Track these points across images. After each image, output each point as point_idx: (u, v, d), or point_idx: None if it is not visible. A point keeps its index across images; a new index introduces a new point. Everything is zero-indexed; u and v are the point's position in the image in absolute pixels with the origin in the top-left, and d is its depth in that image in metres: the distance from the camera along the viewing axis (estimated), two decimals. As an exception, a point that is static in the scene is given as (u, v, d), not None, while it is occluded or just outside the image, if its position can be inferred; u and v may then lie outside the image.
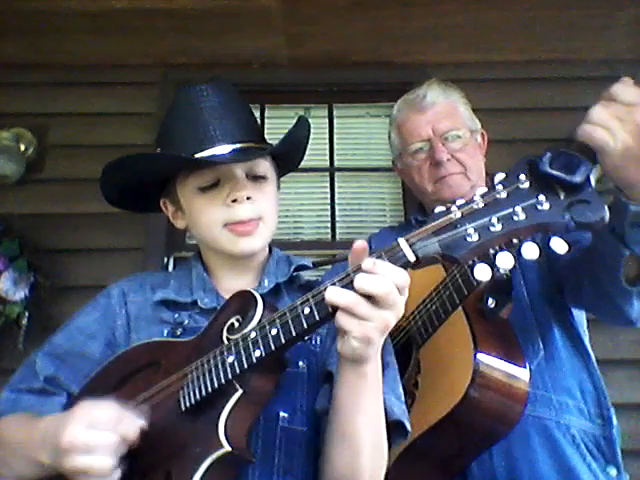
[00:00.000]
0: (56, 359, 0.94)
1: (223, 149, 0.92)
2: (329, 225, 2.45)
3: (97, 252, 2.25)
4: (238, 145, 0.93)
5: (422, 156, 1.34)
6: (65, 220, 2.28)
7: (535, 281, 1.20)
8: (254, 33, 2.33)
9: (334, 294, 0.67)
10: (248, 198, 0.93)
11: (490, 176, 1.39)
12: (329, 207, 2.47)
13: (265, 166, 0.98)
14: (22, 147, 2.32)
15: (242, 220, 0.93)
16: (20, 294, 2.05)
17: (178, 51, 2.44)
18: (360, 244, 0.70)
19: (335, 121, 2.59)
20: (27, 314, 2.05)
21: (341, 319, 0.67)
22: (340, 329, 0.68)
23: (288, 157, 1.06)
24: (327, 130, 2.56)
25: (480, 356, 1.00)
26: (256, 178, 0.96)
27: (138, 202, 1.06)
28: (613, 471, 1.08)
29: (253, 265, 1.02)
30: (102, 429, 0.71)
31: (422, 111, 1.34)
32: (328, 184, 2.50)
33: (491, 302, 1.04)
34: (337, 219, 2.46)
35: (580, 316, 1.25)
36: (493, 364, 1.01)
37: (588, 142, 0.72)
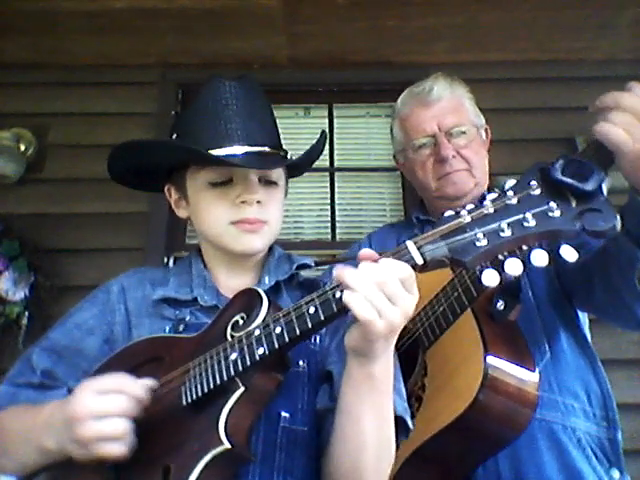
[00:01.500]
0: (53, 354, 0.94)
1: (240, 149, 0.92)
2: (329, 225, 2.44)
3: (97, 252, 2.25)
4: (256, 148, 0.93)
5: (426, 152, 1.32)
6: (65, 220, 2.28)
7: (541, 282, 1.19)
8: (254, 33, 2.33)
9: (348, 275, 0.65)
10: (258, 202, 0.93)
11: (493, 175, 1.39)
12: (329, 207, 2.47)
13: (278, 173, 0.99)
14: (22, 147, 2.32)
15: (249, 220, 0.93)
16: (20, 294, 2.04)
17: (178, 51, 2.44)
18: (367, 252, 0.70)
19: (335, 121, 2.59)
20: (27, 314, 2.05)
21: (356, 306, 0.65)
22: (357, 317, 0.66)
23: (298, 166, 1.06)
24: (327, 130, 2.56)
25: (490, 359, 0.98)
26: (268, 183, 0.97)
27: (140, 181, 1.06)
28: (616, 474, 1.07)
29: (252, 264, 1.02)
30: (112, 394, 0.72)
31: (427, 106, 1.32)
32: (328, 184, 2.49)
33: (500, 304, 1.02)
34: (337, 219, 2.45)
35: (584, 317, 1.24)
36: (503, 367, 0.99)
37: (605, 141, 0.71)
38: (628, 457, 1.10)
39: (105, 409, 0.70)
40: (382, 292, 0.65)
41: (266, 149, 0.94)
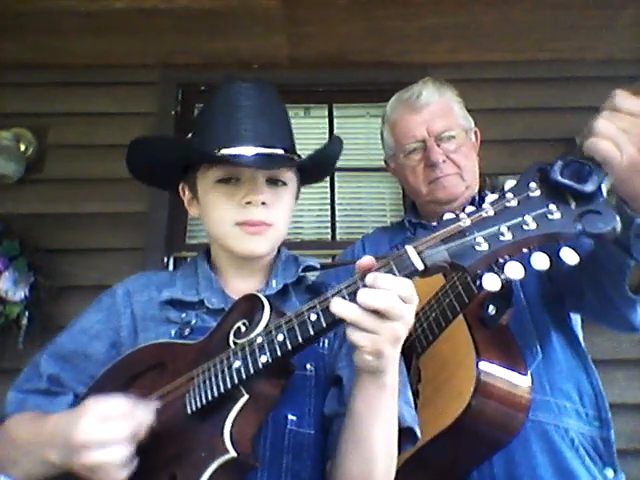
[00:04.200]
0: (60, 360, 0.94)
1: (250, 150, 0.92)
2: (329, 225, 2.44)
3: (97, 252, 2.25)
4: (266, 150, 0.93)
5: (417, 157, 1.33)
6: (65, 220, 2.28)
7: (532, 284, 1.19)
8: (254, 33, 2.33)
9: (340, 307, 0.66)
10: (263, 203, 0.93)
11: (483, 177, 1.39)
12: (329, 207, 2.47)
13: (288, 174, 0.98)
14: (22, 147, 2.32)
15: (253, 222, 0.93)
16: (20, 294, 2.04)
17: (178, 51, 2.44)
18: (366, 261, 0.69)
19: (335, 121, 2.59)
20: (27, 314, 2.05)
21: (350, 333, 0.66)
22: (351, 343, 0.67)
23: (314, 170, 1.05)
24: (327, 130, 2.55)
25: (482, 364, 0.99)
26: (276, 183, 0.96)
27: (158, 178, 1.06)
28: (610, 473, 1.07)
29: (259, 266, 1.01)
30: (115, 421, 0.70)
31: (417, 111, 1.33)
32: (328, 184, 2.49)
33: (492, 309, 1.03)
34: (337, 219, 2.45)
35: (576, 318, 1.24)
36: (496, 372, 0.99)
37: (593, 155, 0.71)
38: (628, 457, 1.11)
39: (108, 437, 0.69)
40: (385, 319, 0.65)
41: (276, 150, 0.94)
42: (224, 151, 0.91)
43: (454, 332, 1.07)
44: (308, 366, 0.88)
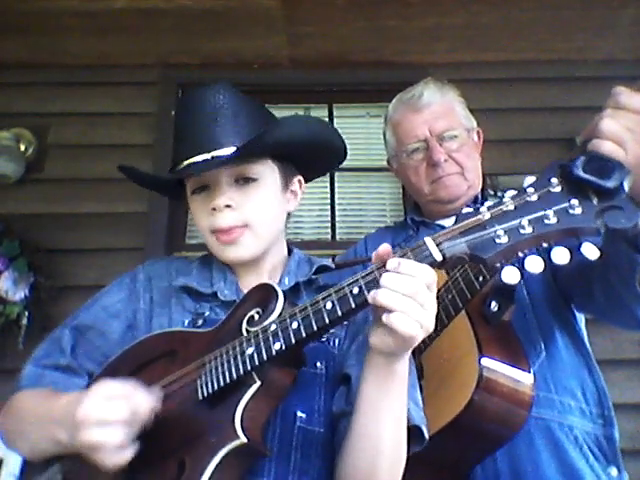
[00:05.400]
0: (77, 333, 0.95)
1: (206, 156, 0.92)
2: (329, 225, 2.45)
3: (97, 252, 2.25)
4: (223, 151, 0.91)
5: (419, 157, 1.33)
6: (65, 220, 2.29)
7: (536, 281, 1.19)
8: (254, 33, 2.33)
9: (386, 297, 0.64)
10: (228, 206, 0.91)
11: (484, 177, 1.39)
12: (329, 207, 2.47)
13: (257, 168, 0.94)
14: (22, 147, 2.33)
15: (222, 228, 0.92)
16: (20, 294, 2.04)
17: (178, 51, 2.44)
18: (384, 250, 0.69)
19: (335, 121, 2.59)
20: (27, 314, 2.05)
21: (388, 319, 0.65)
22: (389, 326, 0.65)
23: (298, 158, 1.02)
24: (327, 130, 2.56)
25: (485, 361, 0.99)
26: (246, 181, 0.94)
27: (162, 191, 1.11)
28: (614, 471, 1.08)
29: (265, 267, 1.00)
30: (115, 401, 0.71)
31: (418, 111, 1.34)
32: (328, 184, 2.49)
33: (494, 305, 1.03)
34: (337, 219, 2.45)
35: (581, 316, 1.24)
36: (498, 369, 0.99)
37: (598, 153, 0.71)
38: (627, 457, 1.10)
39: (105, 417, 0.69)
40: (417, 303, 0.64)
41: (231, 149, 0.91)
42: (186, 162, 0.93)
43: (456, 329, 1.07)
44: (318, 364, 0.87)
